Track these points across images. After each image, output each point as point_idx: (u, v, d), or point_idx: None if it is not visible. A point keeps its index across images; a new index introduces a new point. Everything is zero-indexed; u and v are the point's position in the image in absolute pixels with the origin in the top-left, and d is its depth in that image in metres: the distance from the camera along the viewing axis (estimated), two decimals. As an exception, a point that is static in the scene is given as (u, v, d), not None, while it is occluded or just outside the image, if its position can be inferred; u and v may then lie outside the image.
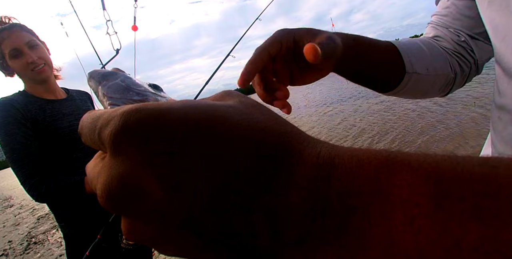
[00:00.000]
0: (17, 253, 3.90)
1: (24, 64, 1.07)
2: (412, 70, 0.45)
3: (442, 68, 0.47)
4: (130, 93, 0.21)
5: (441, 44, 0.49)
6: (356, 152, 0.12)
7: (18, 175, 1.02)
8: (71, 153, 1.10)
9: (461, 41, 0.47)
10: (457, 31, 0.47)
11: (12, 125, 1.01)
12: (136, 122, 0.12)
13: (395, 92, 0.48)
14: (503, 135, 0.35)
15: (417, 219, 0.10)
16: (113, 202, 0.13)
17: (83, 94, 1.33)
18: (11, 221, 6.20)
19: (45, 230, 4.63)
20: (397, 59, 0.45)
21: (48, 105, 1.11)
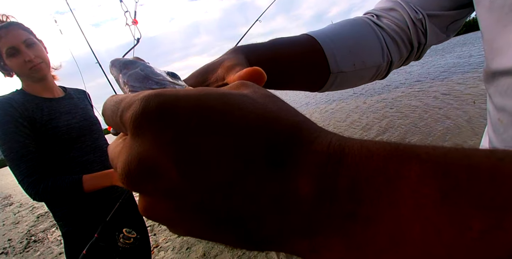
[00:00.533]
0: (17, 251, 3.91)
1: (21, 63, 1.06)
2: (338, 70, 0.42)
3: (372, 60, 0.44)
4: (150, 82, 0.22)
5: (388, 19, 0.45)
6: (366, 143, 0.12)
7: (15, 173, 1.02)
8: (68, 152, 1.10)
9: (417, 19, 0.43)
10: (416, 7, 0.44)
11: (10, 124, 1.00)
12: (155, 107, 0.13)
13: (323, 91, 0.46)
14: (504, 137, 0.34)
15: (425, 209, 0.10)
16: (131, 180, 0.14)
17: (81, 92, 1.32)
18: (11, 220, 6.20)
19: (45, 228, 4.64)
20: (319, 59, 0.41)
21: (46, 103, 1.11)
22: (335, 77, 0.42)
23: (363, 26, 0.46)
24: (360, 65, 0.43)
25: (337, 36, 0.43)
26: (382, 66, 0.46)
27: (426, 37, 0.45)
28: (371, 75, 0.46)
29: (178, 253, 2.54)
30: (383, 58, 0.44)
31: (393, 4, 0.46)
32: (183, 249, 2.58)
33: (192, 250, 2.52)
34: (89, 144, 1.16)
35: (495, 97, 0.35)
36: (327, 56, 0.41)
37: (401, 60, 0.48)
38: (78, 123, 1.15)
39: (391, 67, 0.47)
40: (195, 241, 2.65)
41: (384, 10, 0.47)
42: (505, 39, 0.30)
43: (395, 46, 0.45)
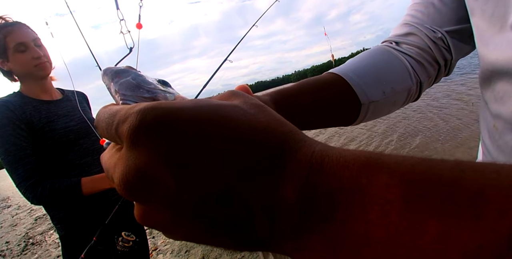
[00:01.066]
0: (15, 254, 3.88)
1: (28, 59, 1.05)
2: (368, 100, 0.42)
3: (401, 84, 0.44)
4: (141, 90, 0.22)
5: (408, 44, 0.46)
6: (344, 153, 0.13)
7: (13, 177, 1.01)
8: (66, 154, 1.09)
9: (437, 38, 0.44)
10: (433, 27, 0.44)
11: (7, 126, 0.99)
12: (151, 119, 0.14)
13: (356, 123, 0.45)
14: (499, 144, 0.34)
15: (389, 214, 0.11)
16: (130, 190, 0.14)
17: (79, 94, 1.31)
18: (9, 222, 6.17)
19: (43, 231, 4.61)
20: (347, 93, 0.41)
21: (44, 106, 1.10)
22: (367, 107, 0.43)
23: (383, 54, 0.46)
24: (390, 91, 0.43)
25: (359, 68, 0.44)
26: (412, 89, 0.45)
27: (451, 53, 0.45)
28: (403, 99, 0.46)
29: (177, 256, 2.53)
30: (411, 80, 0.45)
31: (409, 28, 0.46)
32: (182, 252, 2.57)
33: (191, 253, 2.50)
34: (87, 147, 1.15)
35: (491, 103, 0.35)
36: (354, 88, 0.41)
37: (431, 79, 0.48)
38: (76, 126, 1.14)
39: (422, 88, 0.47)
40: (194, 244, 2.64)
41: (401, 36, 0.47)
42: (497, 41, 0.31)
43: (421, 67, 0.46)
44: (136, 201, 0.15)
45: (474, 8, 0.35)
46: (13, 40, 1.04)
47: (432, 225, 0.10)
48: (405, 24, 0.48)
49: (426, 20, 0.45)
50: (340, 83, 0.42)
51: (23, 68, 1.07)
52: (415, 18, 0.46)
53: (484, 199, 0.10)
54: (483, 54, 0.35)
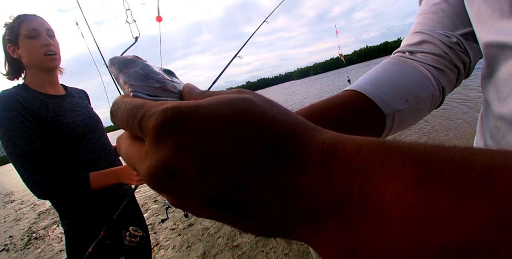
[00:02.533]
0: (18, 248, 3.93)
1: (38, 46, 1.05)
2: (392, 110, 0.41)
3: (423, 91, 0.43)
4: (150, 80, 0.22)
5: (423, 52, 0.45)
6: (357, 139, 0.14)
7: (20, 171, 0.99)
8: (74, 149, 1.09)
9: (452, 43, 0.43)
10: (446, 32, 0.43)
11: (16, 119, 0.97)
12: (173, 119, 0.15)
13: (384, 136, 0.44)
14: (502, 144, 0.33)
15: (403, 192, 0.12)
16: (157, 181, 0.16)
17: (80, 92, 1.31)
18: (12, 217, 6.23)
19: (46, 226, 4.66)
20: (369, 106, 0.40)
21: (50, 100, 1.09)
22: (392, 118, 0.41)
23: (397, 64, 0.45)
24: (413, 99, 0.42)
25: (374, 80, 0.43)
26: (436, 94, 0.45)
27: (469, 56, 0.44)
28: (428, 105, 0.45)
29: (179, 251, 2.55)
30: (433, 86, 0.44)
31: (422, 36, 0.46)
32: (183, 247, 2.59)
33: (192, 249, 2.52)
34: (94, 142, 1.16)
35: (494, 103, 0.34)
36: (375, 100, 0.40)
37: (452, 83, 0.47)
38: (83, 121, 1.14)
39: (445, 93, 0.46)
40: (195, 240, 2.66)
41: (413, 45, 0.47)
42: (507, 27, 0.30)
43: (440, 73, 0.45)
44: (164, 192, 0.16)
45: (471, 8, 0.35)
46: (26, 26, 1.04)
47: (445, 202, 0.11)
48: (416, 32, 0.47)
49: (437, 26, 0.44)
50: (358, 98, 0.41)
51: (32, 55, 1.06)
52: (426, 25, 0.46)
53: (493, 176, 0.11)
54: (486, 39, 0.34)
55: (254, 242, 2.30)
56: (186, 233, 2.90)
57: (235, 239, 2.45)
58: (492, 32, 0.33)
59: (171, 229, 3.10)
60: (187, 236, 2.81)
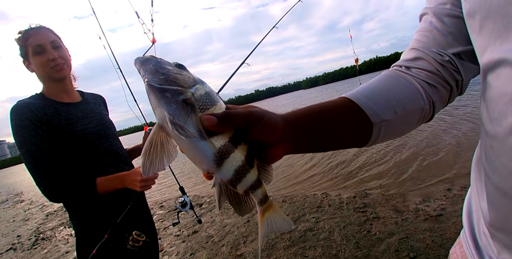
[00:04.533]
0: (25, 248, 3.98)
1: (44, 61, 1.09)
2: (379, 119, 0.43)
3: (412, 104, 0.45)
4: (158, 74, 0.32)
5: (417, 68, 0.47)
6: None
7: (33, 175, 1.05)
8: (84, 155, 1.13)
9: (445, 61, 0.45)
10: (440, 50, 0.45)
11: (28, 127, 1.03)
12: None
13: (370, 144, 0.46)
14: (496, 165, 0.32)
15: None
16: None
17: (97, 97, 1.35)
18: (21, 216, 6.33)
19: (53, 227, 4.71)
20: (358, 113, 0.43)
21: (64, 108, 1.14)
22: (379, 126, 0.43)
23: (392, 77, 0.48)
24: (402, 111, 0.44)
25: (367, 90, 0.46)
26: (425, 108, 0.46)
27: (461, 74, 0.46)
28: (416, 118, 0.47)
29: (182, 258, 2.54)
30: (423, 100, 0.46)
31: (417, 53, 0.48)
32: (187, 254, 2.58)
33: (196, 256, 2.51)
34: (105, 148, 1.19)
35: (486, 123, 0.34)
36: (364, 109, 0.43)
37: (444, 99, 0.49)
38: (94, 128, 1.17)
39: (435, 109, 0.48)
40: (199, 248, 2.65)
41: (409, 61, 0.49)
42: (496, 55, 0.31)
43: (432, 89, 0.46)
44: None
45: (472, 26, 0.36)
46: (31, 43, 1.09)
47: None
48: (412, 49, 0.49)
49: (431, 44, 0.46)
50: (349, 105, 0.44)
51: (41, 70, 1.11)
52: (421, 42, 0.48)
53: None
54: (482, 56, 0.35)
55: (258, 252, 2.27)
56: (190, 240, 2.89)
57: (239, 248, 2.42)
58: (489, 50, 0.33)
59: (176, 236, 3.10)
60: (191, 243, 2.80)
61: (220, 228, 2.96)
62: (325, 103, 0.44)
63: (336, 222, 2.44)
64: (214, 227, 3.04)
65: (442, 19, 0.45)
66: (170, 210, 4.02)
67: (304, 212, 2.80)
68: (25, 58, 1.13)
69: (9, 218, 6.51)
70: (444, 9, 0.45)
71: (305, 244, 2.21)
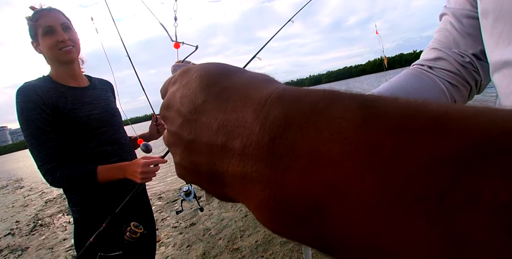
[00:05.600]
0: (23, 234, 4.01)
1: (53, 42, 1.08)
2: None
3: None
4: None
5: (439, 68, 0.48)
6: (307, 89, 0.15)
7: (35, 159, 1.05)
8: (87, 142, 1.12)
9: (465, 62, 0.46)
10: (460, 51, 0.46)
11: (33, 110, 1.02)
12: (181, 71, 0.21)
13: None
14: None
15: (345, 131, 0.11)
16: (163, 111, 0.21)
17: (106, 83, 1.33)
18: (20, 202, 6.38)
19: (52, 214, 4.75)
20: None
21: (70, 92, 1.13)
22: None
23: (417, 76, 0.48)
24: None
25: (393, 88, 0.46)
26: None
27: (480, 75, 0.47)
28: None
29: (179, 250, 2.56)
30: (447, 99, 0.47)
31: (438, 53, 0.49)
32: (184, 246, 2.60)
33: (193, 248, 2.52)
34: (108, 136, 1.18)
35: None
36: None
37: (464, 98, 0.50)
38: (99, 114, 1.16)
39: None
40: (196, 240, 2.66)
41: (431, 60, 0.50)
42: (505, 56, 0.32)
43: (454, 88, 0.48)
44: (165, 120, 0.21)
45: (485, 26, 0.37)
46: (42, 23, 1.08)
47: (390, 140, 0.10)
48: (433, 48, 0.50)
49: (452, 45, 0.47)
50: None
51: (49, 52, 1.10)
52: (442, 42, 0.49)
53: (449, 118, 0.09)
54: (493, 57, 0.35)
55: (254, 247, 2.29)
56: (187, 232, 2.91)
57: (236, 242, 2.44)
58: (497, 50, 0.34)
59: (173, 227, 3.12)
60: (188, 235, 2.82)
61: (217, 222, 2.98)
62: None
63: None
64: (212, 220, 3.05)
65: (461, 21, 0.46)
66: (169, 202, 4.04)
67: (302, 209, 2.81)
68: (34, 39, 1.12)
69: (8, 204, 6.56)
70: (463, 10, 0.45)
71: (302, 241, 2.22)
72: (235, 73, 0.19)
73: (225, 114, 0.16)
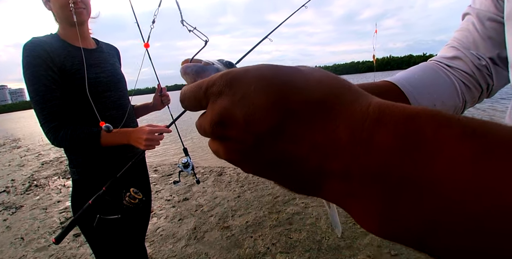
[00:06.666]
0: (18, 192, 4.08)
1: (66, 2, 1.05)
2: None
3: (450, 100, 0.47)
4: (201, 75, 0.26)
5: (455, 67, 0.48)
6: (408, 107, 0.14)
7: (38, 116, 1.03)
8: (92, 104, 1.10)
9: (481, 65, 0.46)
10: (478, 54, 0.47)
11: (40, 67, 1.00)
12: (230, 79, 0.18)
13: None
14: None
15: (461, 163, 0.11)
16: (214, 128, 0.18)
17: (113, 48, 1.31)
18: (17, 162, 6.45)
19: (48, 176, 4.81)
20: (400, 99, 0.43)
21: (78, 52, 1.10)
22: None
23: (434, 71, 0.49)
24: (441, 105, 0.45)
25: (412, 79, 0.46)
26: (458, 106, 0.48)
27: (493, 79, 0.47)
28: None
29: (170, 222, 2.62)
30: (459, 98, 0.47)
31: (456, 52, 0.49)
32: (176, 219, 2.66)
33: (184, 222, 2.58)
34: (114, 100, 1.17)
35: None
36: (408, 96, 0.43)
37: (474, 99, 0.50)
38: (106, 78, 1.14)
39: (466, 107, 0.50)
40: (188, 214, 2.72)
41: (448, 58, 0.50)
42: None
43: (466, 88, 0.48)
44: (218, 137, 0.19)
45: (509, 29, 0.37)
46: None
47: None
48: (452, 47, 0.50)
49: (471, 46, 0.47)
50: (394, 90, 0.44)
51: (60, 11, 1.07)
52: (461, 42, 0.49)
53: None
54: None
55: (244, 227, 2.34)
56: (180, 206, 2.96)
57: (227, 221, 2.49)
58: None
59: (167, 200, 3.18)
60: (181, 209, 2.88)
61: (210, 199, 3.03)
62: (371, 84, 0.44)
63: (324, 210, 2.49)
64: (205, 197, 3.11)
65: (484, 23, 0.45)
66: (164, 175, 4.10)
67: (295, 196, 2.85)
68: None
69: (5, 162, 6.63)
70: (487, 13, 0.45)
71: (291, 227, 2.27)
72: (297, 78, 0.17)
73: (313, 134, 0.15)
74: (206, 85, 0.20)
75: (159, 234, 2.42)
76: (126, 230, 1.22)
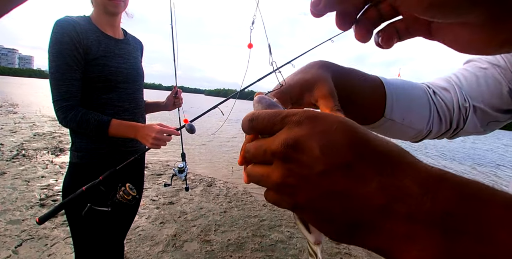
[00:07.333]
0: (4, 158, 3.98)
1: None
2: (389, 117, 0.45)
3: (418, 123, 0.48)
4: None
5: (440, 97, 0.50)
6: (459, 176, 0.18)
7: (53, 92, 1.03)
8: (107, 92, 1.11)
9: (463, 107, 0.48)
10: (467, 97, 0.48)
11: (67, 45, 1.02)
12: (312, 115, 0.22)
13: (370, 127, 0.48)
14: None
15: None
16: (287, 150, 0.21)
17: (138, 42, 1.33)
18: (9, 127, 6.33)
19: (37, 148, 4.71)
20: (380, 100, 0.45)
21: (105, 39, 1.12)
22: (384, 121, 0.46)
23: (422, 91, 0.50)
24: (408, 122, 0.47)
25: (400, 89, 0.47)
26: (422, 132, 0.49)
27: (464, 124, 0.49)
28: (410, 135, 0.50)
29: (152, 224, 2.55)
30: (427, 125, 0.49)
31: (448, 85, 0.51)
32: (157, 222, 2.59)
33: (165, 226, 2.52)
34: (129, 93, 1.17)
35: None
36: (387, 101, 0.45)
37: (438, 133, 0.52)
38: (127, 69, 1.16)
39: (427, 136, 0.52)
40: (170, 219, 2.66)
41: (439, 87, 0.52)
42: None
43: (438, 120, 0.50)
44: (283, 158, 0.21)
45: None
46: None
47: None
48: (447, 80, 0.52)
49: (465, 87, 0.49)
50: (380, 91, 0.45)
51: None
52: (458, 79, 0.51)
53: None
54: None
55: (225, 244, 2.28)
56: (164, 209, 2.90)
57: (209, 234, 2.43)
58: None
59: (152, 200, 3.11)
60: (165, 212, 2.81)
61: (196, 209, 2.97)
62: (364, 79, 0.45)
63: (308, 244, 2.45)
64: (191, 205, 3.05)
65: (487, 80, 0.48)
66: (154, 174, 4.03)
67: (281, 223, 2.81)
68: None
69: (-3, 124, 6.50)
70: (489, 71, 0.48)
71: (273, 254, 2.22)
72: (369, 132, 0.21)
73: (382, 177, 0.18)
74: (286, 113, 0.22)
75: (138, 233, 2.35)
76: (111, 224, 1.18)
